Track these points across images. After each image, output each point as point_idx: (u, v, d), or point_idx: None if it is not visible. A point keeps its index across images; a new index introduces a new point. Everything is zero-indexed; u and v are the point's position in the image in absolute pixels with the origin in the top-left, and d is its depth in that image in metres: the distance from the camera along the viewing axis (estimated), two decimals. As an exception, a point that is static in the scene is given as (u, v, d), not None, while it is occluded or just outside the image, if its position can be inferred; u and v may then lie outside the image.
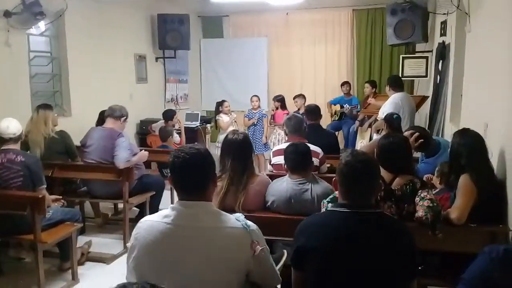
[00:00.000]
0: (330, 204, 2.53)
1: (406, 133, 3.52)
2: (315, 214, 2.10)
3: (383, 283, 1.76)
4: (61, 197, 3.74)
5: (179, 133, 6.56)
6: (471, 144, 2.70)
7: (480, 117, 3.45)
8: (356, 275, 1.75)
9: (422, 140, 3.47)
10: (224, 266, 1.72)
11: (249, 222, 1.82)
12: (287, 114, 6.92)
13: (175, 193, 1.86)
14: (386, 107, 4.86)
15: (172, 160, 1.81)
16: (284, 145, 3.75)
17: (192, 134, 7.19)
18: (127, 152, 4.18)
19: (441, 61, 5.61)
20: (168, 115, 6.54)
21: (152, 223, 1.79)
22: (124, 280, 1.03)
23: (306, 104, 6.68)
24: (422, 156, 3.81)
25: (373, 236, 1.78)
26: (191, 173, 1.79)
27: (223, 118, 7.01)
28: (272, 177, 3.12)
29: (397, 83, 5.22)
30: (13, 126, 3.39)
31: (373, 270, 1.74)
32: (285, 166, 2.92)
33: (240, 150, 2.79)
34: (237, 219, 1.80)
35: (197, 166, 1.79)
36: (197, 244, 1.72)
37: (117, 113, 4.36)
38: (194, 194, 1.78)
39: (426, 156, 3.76)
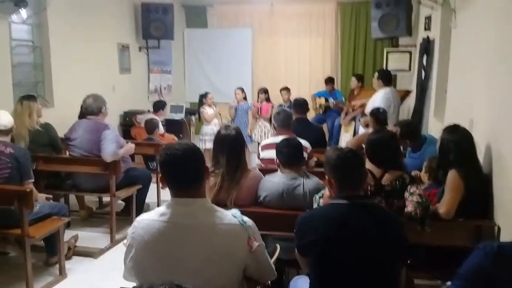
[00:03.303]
0: (321, 199, 2.58)
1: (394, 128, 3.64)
2: (319, 207, 2.29)
3: (379, 270, 1.89)
4: (51, 196, 3.68)
5: (164, 125, 6.52)
6: (460, 141, 2.76)
7: (464, 113, 3.52)
8: (356, 263, 1.87)
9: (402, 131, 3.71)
10: (222, 262, 1.73)
11: (246, 218, 1.83)
12: (272, 106, 6.97)
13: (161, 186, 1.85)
14: (377, 102, 4.89)
15: (163, 157, 1.79)
16: (273, 139, 3.78)
17: (177, 126, 7.15)
18: (114, 145, 4.13)
19: (425, 55, 5.69)
20: (160, 105, 6.52)
21: (149, 221, 1.78)
22: (112, 274, 1.02)
23: (292, 97, 6.71)
24: (409, 151, 3.88)
25: (371, 225, 1.90)
26: (184, 169, 1.78)
27: (207, 110, 6.99)
28: (262, 171, 3.14)
29: (389, 78, 5.27)
30: (4, 118, 3.32)
31: (371, 258, 1.87)
32: (277, 160, 2.94)
33: (234, 146, 2.78)
34: (233, 215, 1.82)
35: (190, 161, 1.79)
36: (195, 241, 1.72)
37: (95, 109, 4.26)
38: (189, 190, 1.78)
39: (412, 150, 3.84)
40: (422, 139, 3.83)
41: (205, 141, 6.77)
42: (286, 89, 7.28)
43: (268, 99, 7.13)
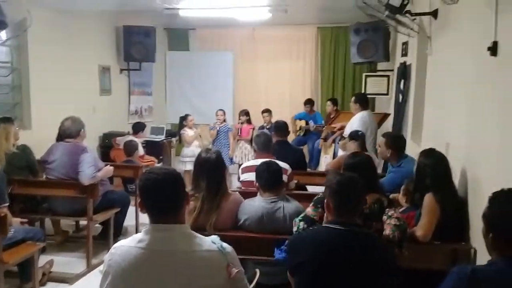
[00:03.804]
0: (301, 223, 2.58)
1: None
2: (311, 229, 2.29)
3: None
4: (26, 220, 3.59)
5: (144, 146, 6.49)
6: (435, 165, 2.82)
7: (441, 136, 3.60)
8: None
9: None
10: (201, 289, 1.71)
11: (225, 244, 1.82)
12: (253, 128, 7.01)
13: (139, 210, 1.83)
14: (354, 125, 4.97)
15: (143, 182, 1.78)
16: (253, 162, 3.78)
17: (157, 148, 7.11)
18: (91, 168, 4.07)
19: (402, 80, 5.82)
20: (139, 127, 6.50)
21: (126, 248, 1.75)
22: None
23: (274, 119, 6.77)
24: (389, 170, 3.96)
25: (364, 253, 1.92)
26: (164, 195, 1.76)
27: (188, 132, 7.00)
28: (242, 194, 3.13)
29: (365, 101, 5.37)
30: None
31: (362, 285, 1.89)
32: (257, 184, 2.94)
33: (214, 170, 2.79)
34: (213, 242, 1.80)
35: (170, 187, 1.78)
36: (173, 268, 1.70)
37: (73, 131, 4.23)
38: (168, 216, 1.76)
39: (392, 164, 3.92)
40: (404, 154, 3.91)
41: (185, 163, 6.75)
42: (268, 111, 7.36)
43: (249, 121, 7.17)
